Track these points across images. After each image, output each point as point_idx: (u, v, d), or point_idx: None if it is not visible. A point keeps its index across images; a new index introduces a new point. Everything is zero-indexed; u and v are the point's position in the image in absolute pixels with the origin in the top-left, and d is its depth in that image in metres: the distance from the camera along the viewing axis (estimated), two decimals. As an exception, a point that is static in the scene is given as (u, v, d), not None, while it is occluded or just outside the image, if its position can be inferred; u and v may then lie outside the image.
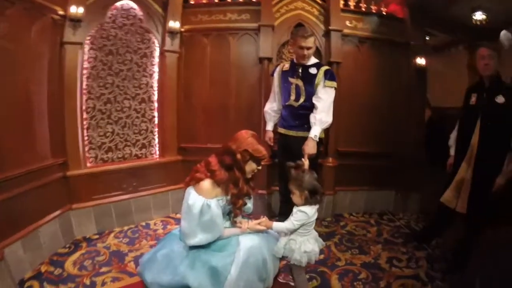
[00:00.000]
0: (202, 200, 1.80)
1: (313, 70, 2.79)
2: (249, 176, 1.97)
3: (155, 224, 3.26)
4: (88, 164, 2.95)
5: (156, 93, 3.34)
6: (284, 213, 2.98)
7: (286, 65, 2.96)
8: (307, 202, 1.97)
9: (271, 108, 3.08)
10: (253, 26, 3.36)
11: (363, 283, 2.41)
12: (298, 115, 2.85)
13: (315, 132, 2.69)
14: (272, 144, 3.09)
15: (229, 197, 1.90)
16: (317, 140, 2.70)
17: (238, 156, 1.87)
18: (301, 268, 2.06)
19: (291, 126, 2.90)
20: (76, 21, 2.61)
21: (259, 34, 3.36)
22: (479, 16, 2.98)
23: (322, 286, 2.36)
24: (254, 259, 1.85)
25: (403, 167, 3.55)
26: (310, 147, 2.66)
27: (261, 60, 3.39)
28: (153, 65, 3.28)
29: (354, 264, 2.66)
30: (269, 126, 3.12)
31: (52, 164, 2.62)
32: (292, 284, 2.31)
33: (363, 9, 3.44)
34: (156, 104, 3.36)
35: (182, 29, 3.32)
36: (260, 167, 1.98)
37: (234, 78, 3.48)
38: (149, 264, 1.91)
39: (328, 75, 2.75)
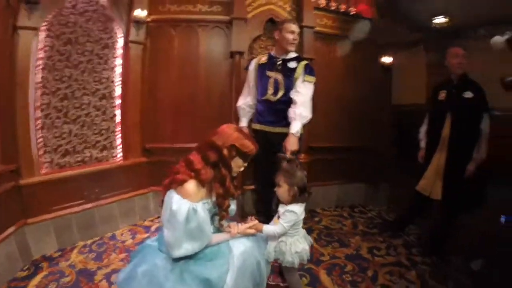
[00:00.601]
0: (188, 204, 1.59)
1: (292, 64, 2.71)
2: (234, 174, 1.81)
3: (122, 234, 2.93)
4: (43, 171, 2.52)
5: (118, 88, 3.00)
6: (261, 213, 2.90)
7: (263, 58, 2.84)
8: (293, 200, 1.90)
9: (246, 103, 2.92)
10: (224, 19, 3.21)
11: (351, 274, 2.46)
12: (276, 110, 2.73)
13: (296, 127, 2.59)
14: None
15: (214, 199, 1.71)
16: (299, 135, 2.62)
17: (225, 152, 1.70)
18: (294, 269, 2.00)
19: (269, 122, 2.76)
20: (32, 3, 2.20)
21: (230, 27, 3.21)
22: (440, 19, 3.27)
23: (313, 283, 2.34)
24: (249, 264, 1.72)
25: (371, 160, 3.72)
26: (292, 143, 2.56)
27: (232, 54, 3.26)
28: (115, 57, 2.94)
29: (338, 257, 2.70)
30: (244, 122, 2.95)
31: (1, 172, 2.16)
32: (282, 285, 2.26)
33: (333, 8, 3.48)
34: (118, 101, 3.02)
35: (148, 19, 3.03)
36: (246, 164, 1.81)
37: (203, 72, 3.29)
38: (128, 283, 1.63)
39: (308, 70, 2.69)
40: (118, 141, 3.08)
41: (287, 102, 2.68)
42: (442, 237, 2.68)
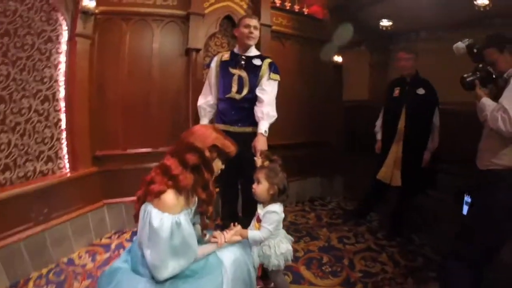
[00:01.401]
0: (170, 218, 1.41)
1: (257, 62, 2.66)
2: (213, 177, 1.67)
3: (80, 257, 2.54)
4: (-20, 192, 2.03)
5: (62, 89, 2.58)
6: (228, 217, 2.83)
7: (226, 55, 2.71)
8: (271, 199, 1.91)
9: (207, 103, 2.75)
10: (180, 14, 3.00)
11: (330, 265, 2.57)
12: (240, 109, 2.63)
13: (265, 127, 2.53)
14: None
15: (193, 207, 1.57)
16: (267, 135, 2.55)
17: (207, 153, 1.53)
18: (279, 270, 2.00)
19: (233, 121, 2.63)
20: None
21: (187, 22, 3.02)
22: (385, 22, 3.59)
23: (297, 280, 2.38)
24: (240, 273, 1.64)
25: (325, 155, 3.88)
26: (261, 143, 2.48)
27: (188, 51, 3.07)
28: (59, 53, 2.52)
29: (312, 251, 2.79)
30: (204, 122, 2.77)
31: None
32: (266, 287, 2.24)
33: (288, 8, 3.54)
34: (62, 103, 2.60)
35: (97, 11, 2.65)
36: (223, 167, 1.68)
37: (157, 71, 3.03)
38: None
39: (273, 68, 2.66)
40: (65, 150, 2.65)
41: (252, 100, 2.61)
42: (403, 219, 2.98)
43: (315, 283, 2.35)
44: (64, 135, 2.64)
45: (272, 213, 1.87)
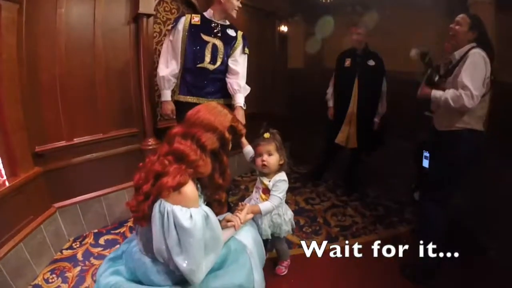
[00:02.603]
0: (199, 212, 1.26)
1: (232, 32, 2.49)
2: None
3: (47, 281, 2.08)
4: None
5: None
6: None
7: (196, 18, 2.42)
8: (281, 168, 1.99)
9: (172, 72, 2.44)
10: (125, -28, 2.45)
11: (309, 226, 2.81)
12: (213, 80, 2.46)
13: (242, 100, 2.46)
14: (174, 117, 2.56)
15: (201, 193, 1.45)
16: (245, 108, 2.49)
17: (227, 135, 1.42)
18: (284, 237, 2.14)
19: (206, 94, 2.45)
20: None
21: (133, -16, 2.50)
22: None
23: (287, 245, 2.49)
24: (260, 251, 1.71)
25: (273, 122, 3.90)
26: (242, 117, 2.41)
27: (138, 17, 2.60)
28: (-21, 21, 1.77)
29: (286, 216, 2.96)
30: (168, 96, 2.52)
31: None
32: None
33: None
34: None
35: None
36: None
37: (100, 43, 2.48)
38: None
39: (246, 42, 2.55)
40: (-3, 152, 1.99)
41: (223, 71, 2.48)
42: (357, 176, 3.42)
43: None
44: (-7, 133, 1.97)
45: (282, 182, 1.93)
